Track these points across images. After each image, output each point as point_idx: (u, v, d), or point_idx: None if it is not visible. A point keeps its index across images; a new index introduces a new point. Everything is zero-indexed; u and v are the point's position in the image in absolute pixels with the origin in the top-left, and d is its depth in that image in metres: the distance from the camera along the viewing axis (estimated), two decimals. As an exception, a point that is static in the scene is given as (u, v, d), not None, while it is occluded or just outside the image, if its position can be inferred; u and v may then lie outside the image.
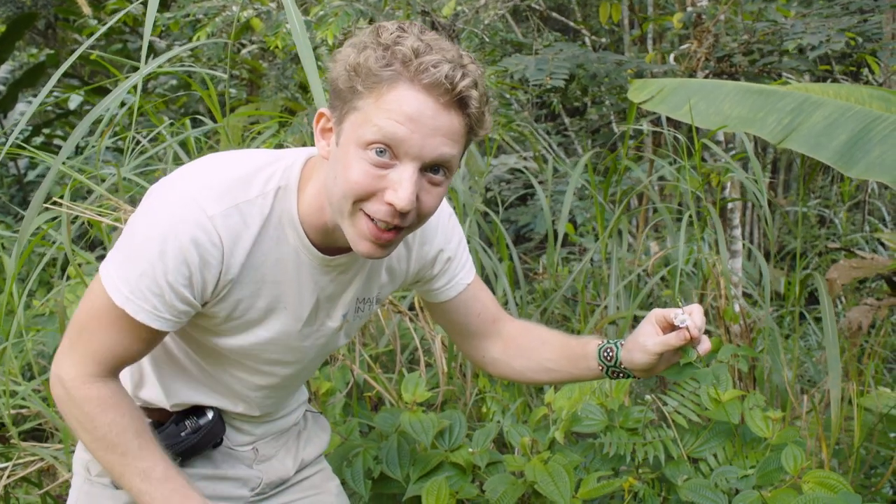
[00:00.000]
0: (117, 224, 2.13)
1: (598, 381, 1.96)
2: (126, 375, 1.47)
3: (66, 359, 1.31)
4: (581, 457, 1.92)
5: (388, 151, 1.15)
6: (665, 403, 2.02)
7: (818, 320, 4.35)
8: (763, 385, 2.45)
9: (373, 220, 1.19)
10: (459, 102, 1.15)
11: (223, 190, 1.23)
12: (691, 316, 1.36)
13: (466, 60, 1.17)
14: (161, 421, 1.47)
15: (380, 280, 1.48)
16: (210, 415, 1.48)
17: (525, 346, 1.60)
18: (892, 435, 2.90)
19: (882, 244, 4.85)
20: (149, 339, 1.30)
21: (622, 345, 1.48)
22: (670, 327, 1.39)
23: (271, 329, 1.38)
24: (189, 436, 1.45)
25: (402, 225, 1.20)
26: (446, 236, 1.52)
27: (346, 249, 1.33)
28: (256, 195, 1.26)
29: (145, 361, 1.46)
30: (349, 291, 1.43)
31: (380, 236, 1.20)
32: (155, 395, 1.47)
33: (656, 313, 1.41)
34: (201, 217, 1.20)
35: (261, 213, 1.26)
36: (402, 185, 1.15)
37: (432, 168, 1.19)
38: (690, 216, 2.46)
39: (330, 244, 1.33)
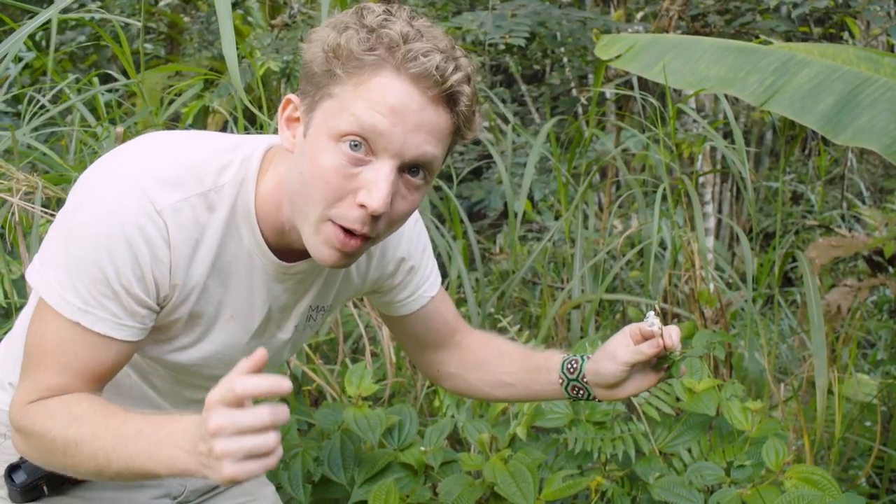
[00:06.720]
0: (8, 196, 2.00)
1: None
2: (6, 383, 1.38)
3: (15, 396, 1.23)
4: (544, 454, 1.91)
5: (364, 146, 1.11)
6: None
7: (789, 303, 4.42)
8: (740, 373, 2.46)
9: (342, 227, 1.14)
10: (448, 98, 1.12)
11: (173, 179, 1.17)
12: (670, 334, 1.37)
13: (459, 53, 1.14)
14: None
15: (336, 287, 1.44)
16: None
17: (483, 358, 1.60)
18: (867, 423, 2.95)
19: (858, 220, 4.94)
20: (113, 352, 1.21)
21: (589, 358, 1.47)
22: (644, 340, 1.39)
23: (215, 341, 1.32)
24: None
25: (370, 234, 1.15)
26: (411, 244, 1.49)
27: (304, 254, 1.28)
28: (210, 188, 1.20)
29: None
30: (304, 301, 1.39)
31: (346, 243, 1.15)
32: None
33: (631, 327, 1.41)
34: (149, 209, 1.14)
35: (214, 207, 1.21)
36: (377, 185, 1.10)
37: (411, 169, 1.15)
38: (664, 191, 2.43)
39: (285, 246, 1.28)
